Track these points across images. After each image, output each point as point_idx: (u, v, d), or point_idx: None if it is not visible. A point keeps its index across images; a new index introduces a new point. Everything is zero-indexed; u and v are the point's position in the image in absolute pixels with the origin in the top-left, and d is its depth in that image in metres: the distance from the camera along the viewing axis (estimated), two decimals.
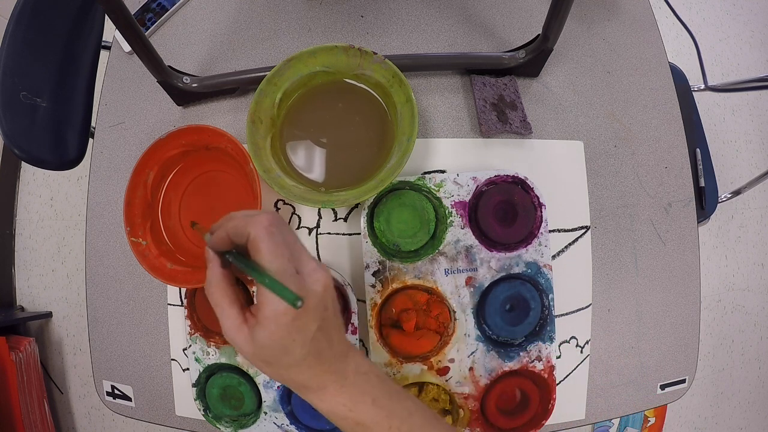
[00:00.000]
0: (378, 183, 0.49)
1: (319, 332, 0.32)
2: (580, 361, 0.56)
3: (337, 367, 0.34)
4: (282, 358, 0.32)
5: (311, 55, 0.52)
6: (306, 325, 0.31)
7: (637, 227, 0.58)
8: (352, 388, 0.35)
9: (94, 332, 0.58)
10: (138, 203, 0.52)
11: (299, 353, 0.31)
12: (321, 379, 0.34)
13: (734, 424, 1.36)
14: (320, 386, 0.34)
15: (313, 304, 0.31)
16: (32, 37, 0.65)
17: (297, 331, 0.31)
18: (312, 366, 0.33)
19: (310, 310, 0.31)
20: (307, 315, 0.31)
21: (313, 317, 0.31)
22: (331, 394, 0.34)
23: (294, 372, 0.33)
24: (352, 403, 0.34)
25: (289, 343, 0.31)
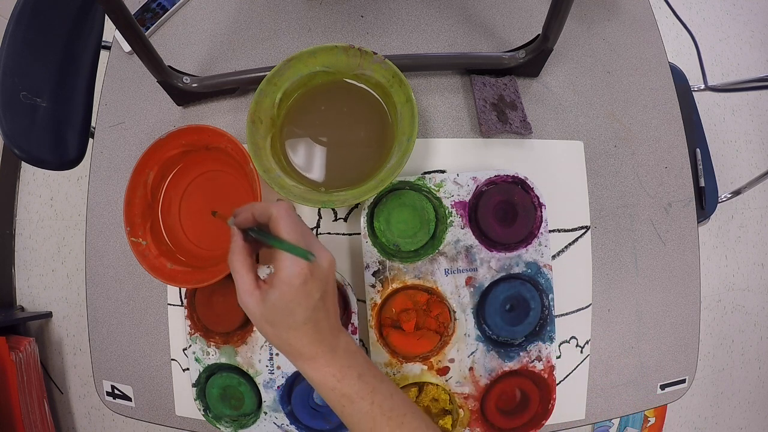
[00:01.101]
0: (378, 183, 0.49)
1: (321, 302, 0.37)
2: (580, 361, 0.56)
3: (330, 341, 0.38)
4: (286, 318, 0.36)
5: (311, 55, 0.52)
6: (311, 292, 0.36)
7: (637, 227, 0.58)
8: (341, 362, 0.38)
9: (94, 332, 0.58)
10: (138, 203, 0.52)
11: (301, 316, 0.36)
12: (315, 348, 0.38)
13: (734, 424, 1.36)
14: (313, 355, 0.38)
15: (319, 275, 0.36)
16: (32, 37, 0.65)
17: (304, 295, 0.36)
18: (309, 333, 0.37)
19: (316, 279, 0.36)
20: (314, 283, 0.36)
21: (318, 287, 0.36)
22: (321, 364, 0.38)
23: (293, 336, 0.37)
24: (341, 375, 0.38)
25: (296, 305, 0.36)
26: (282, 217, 0.37)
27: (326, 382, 0.38)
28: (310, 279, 0.36)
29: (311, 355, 0.38)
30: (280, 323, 0.36)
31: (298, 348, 0.38)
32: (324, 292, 0.37)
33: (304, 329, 0.37)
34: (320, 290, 0.36)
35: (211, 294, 0.53)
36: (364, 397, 0.38)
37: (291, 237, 0.36)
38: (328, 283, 0.38)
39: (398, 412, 0.39)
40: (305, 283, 0.35)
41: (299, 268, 0.35)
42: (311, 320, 0.37)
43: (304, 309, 0.36)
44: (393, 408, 0.39)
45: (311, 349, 0.38)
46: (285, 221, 0.36)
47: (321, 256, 0.37)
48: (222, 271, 0.48)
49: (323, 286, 0.37)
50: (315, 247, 0.37)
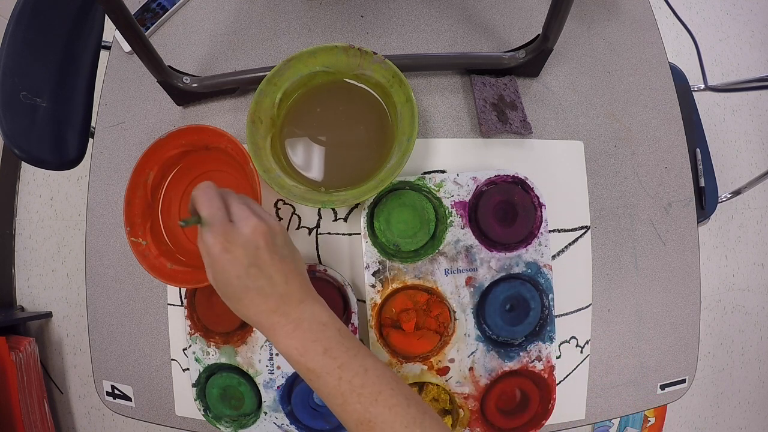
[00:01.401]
0: (378, 183, 0.49)
1: (254, 269, 0.37)
2: (580, 361, 0.56)
3: (286, 310, 0.38)
4: (227, 289, 0.37)
5: (311, 55, 0.52)
6: (237, 258, 0.37)
7: (637, 227, 0.58)
8: (306, 334, 0.38)
9: (94, 332, 0.58)
10: (138, 203, 0.52)
11: (238, 284, 0.37)
12: (269, 318, 0.38)
13: (734, 424, 1.36)
14: (271, 326, 0.38)
15: (239, 241, 0.37)
16: (32, 37, 0.65)
17: (229, 263, 0.37)
18: (256, 302, 0.37)
19: (237, 246, 0.37)
20: (236, 249, 0.37)
21: (243, 253, 0.37)
22: (283, 335, 0.38)
23: (243, 306, 0.38)
24: (303, 349, 0.37)
25: (227, 274, 0.37)
26: (197, 195, 0.38)
27: (290, 355, 0.38)
28: (231, 246, 0.36)
29: (270, 326, 0.38)
30: (228, 296, 0.38)
31: (252, 318, 0.38)
32: (255, 257, 0.37)
33: (249, 297, 0.37)
34: (248, 257, 0.37)
35: (211, 294, 0.53)
36: (329, 372, 0.37)
37: (206, 210, 0.37)
38: (259, 249, 0.37)
39: (372, 389, 0.37)
40: (225, 250, 0.36)
41: (212, 237, 0.36)
42: (251, 288, 0.37)
43: (236, 277, 0.37)
44: (365, 385, 0.37)
45: (266, 319, 0.38)
46: (199, 198, 0.38)
47: (243, 224, 0.37)
48: None
49: (251, 251, 0.37)
50: (239, 217, 0.38)
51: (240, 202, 0.40)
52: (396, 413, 0.36)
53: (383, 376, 0.38)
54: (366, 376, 0.37)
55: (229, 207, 0.39)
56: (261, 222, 0.38)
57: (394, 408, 0.37)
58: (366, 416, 0.36)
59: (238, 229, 0.37)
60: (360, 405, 0.36)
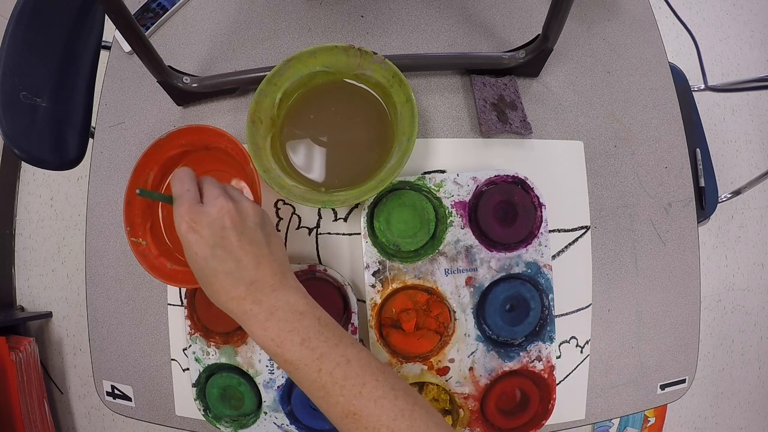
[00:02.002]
0: (378, 183, 0.49)
1: (220, 250, 0.36)
2: (580, 361, 0.56)
3: (258, 297, 0.36)
4: (198, 272, 0.37)
5: (311, 55, 0.52)
6: (202, 239, 0.36)
7: (637, 227, 0.58)
8: (280, 324, 0.36)
9: (94, 332, 0.58)
10: (138, 203, 0.52)
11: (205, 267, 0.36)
12: (240, 305, 0.36)
13: (734, 424, 1.36)
14: (243, 314, 0.36)
15: (205, 221, 0.36)
16: (32, 37, 0.65)
17: (196, 242, 0.36)
18: (225, 287, 0.36)
19: (204, 226, 0.36)
20: (203, 228, 0.36)
21: (209, 233, 0.36)
22: (256, 325, 0.36)
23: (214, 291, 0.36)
24: (279, 339, 0.35)
25: (193, 253, 0.36)
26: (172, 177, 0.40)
27: (266, 346, 0.36)
28: (197, 225, 0.36)
29: (240, 313, 0.36)
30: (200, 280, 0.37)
31: (225, 304, 0.36)
32: (221, 238, 0.36)
33: (218, 281, 0.36)
34: (213, 237, 0.36)
35: None
36: (308, 364, 0.35)
37: (176, 189, 0.38)
38: (225, 229, 0.36)
39: (355, 381, 0.35)
40: (191, 230, 0.36)
41: (179, 216, 0.36)
42: (219, 271, 0.36)
43: (203, 258, 0.36)
44: (347, 376, 0.35)
45: (236, 305, 0.36)
46: (173, 179, 0.39)
47: (211, 204, 0.37)
48: None
49: (217, 232, 0.36)
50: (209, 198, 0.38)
51: (213, 184, 0.39)
52: (382, 406, 0.35)
53: (367, 367, 0.36)
54: (348, 367, 0.36)
55: (202, 189, 0.39)
56: (229, 201, 0.37)
57: (379, 400, 0.35)
58: (350, 409, 0.35)
59: (205, 208, 0.37)
60: (343, 398, 0.35)
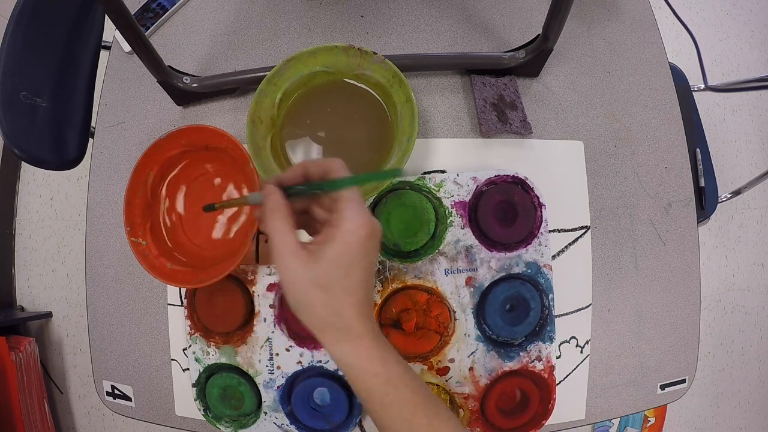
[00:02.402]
0: (378, 183, 0.49)
1: (372, 267, 0.33)
2: (580, 361, 0.56)
3: (372, 317, 0.35)
4: (344, 280, 0.32)
5: (311, 55, 0.52)
6: (371, 250, 0.32)
7: (637, 227, 0.58)
8: (383, 344, 0.34)
9: (94, 332, 0.58)
10: (138, 203, 0.52)
11: (359, 277, 0.32)
12: (362, 323, 0.33)
13: (734, 424, 1.36)
14: (360, 333, 0.33)
15: (378, 233, 0.33)
16: (32, 37, 0.65)
17: (365, 253, 0.32)
18: (360, 303, 0.33)
19: (376, 237, 0.33)
20: (374, 240, 0.32)
21: (376, 245, 0.33)
22: (367, 345, 0.33)
23: (347, 303, 0.32)
24: (383, 359, 0.34)
25: (356, 263, 0.32)
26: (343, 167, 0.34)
27: (370, 368, 0.33)
28: (373, 234, 0.32)
29: (360, 332, 0.33)
30: (335, 286, 0.31)
31: (348, 320, 0.32)
32: (375, 256, 0.33)
33: (358, 296, 0.32)
34: (376, 251, 0.33)
35: (211, 294, 0.53)
36: (406, 383, 0.34)
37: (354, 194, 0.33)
38: (378, 248, 0.33)
39: (433, 401, 0.35)
40: (369, 237, 0.32)
41: (364, 219, 0.31)
42: (364, 286, 0.33)
43: (363, 270, 0.32)
44: (428, 397, 0.35)
45: (360, 323, 0.33)
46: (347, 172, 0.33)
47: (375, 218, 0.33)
48: (222, 271, 0.48)
49: (378, 246, 0.33)
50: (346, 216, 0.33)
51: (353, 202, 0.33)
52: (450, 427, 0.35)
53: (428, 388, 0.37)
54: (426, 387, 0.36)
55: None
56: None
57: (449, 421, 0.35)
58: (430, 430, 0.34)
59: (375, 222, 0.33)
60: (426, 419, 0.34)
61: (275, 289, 0.52)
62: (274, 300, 0.52)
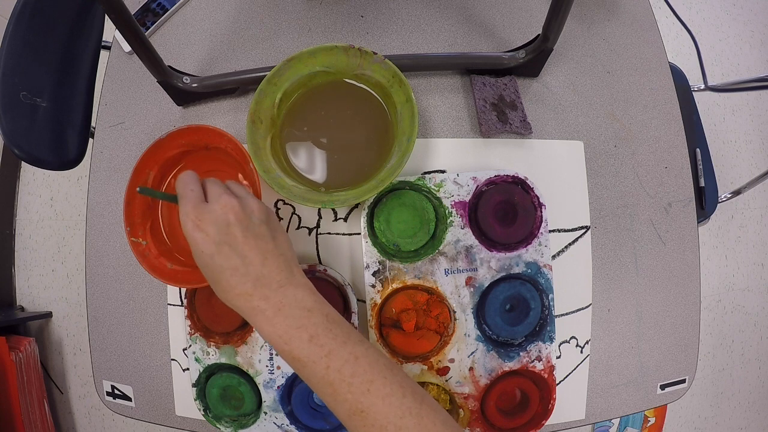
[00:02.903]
0: (378, 183, 0.49)
1: (225, 246, 0.36)
2: (580, 361, 0.56)
3: (266, 293, 0.37)
4: (205, 270, 0.37)
5: (311, 55, 0.52)
6: (207, 236, 0.36)
7: (637, 227, 0.58)
8: (288, 320, 0.36)
9: (94, 332, 0.58)
10: (138, 203, 0.52)
11: (212, 264, 0.36)
12: (248, 302, 0.36)
13: (734, 424, 1.36)
14: (251, 310, 0.37)
15: (210, 219, 0.37)
16: (32, 37, 0.65)
17: (202, 239, 0.36)
18: (232, 283, 0.36)
19: (208, 223, 0.36)
20: (207, 226, 0.36)
21: (215, 230, 0.36)
22: (264, 321, 0.36)
23: (221, 289, 0.37)
24: (288, 336, 0.36)
25: (200, 256, 0.37)
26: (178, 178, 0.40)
27: (274, 343, 0.36)
28: (202, 223, 0.36)
29: (248, 310, 0.37)
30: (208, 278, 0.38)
31: (232, 301, 0.37)
32: (227, 235, 0.36)
33: (225, 278, 0.36)
34: (219, 234, 0.36)
35: (211, 294, 0.52)
36: (316, 361, 0.35)
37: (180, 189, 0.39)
38: (230, 226, 0.37)
39: (363, 378, 0.35)
40: (197, 228, 0.36)
41: (184, 214, 0.37)
42: (226, 268, 0.36)
43: (209, 256, 0.36)
44: (355, 374, 0.35)
45: (244, 302, 0.36)
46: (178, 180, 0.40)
47: (215, 202, 0.37)
48: None
49: (223, 229, 0.36)
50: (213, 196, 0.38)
51: (216, 183, 0.40)
52: (389, 404, 0.35)
53: (375, 364, 0.36)
54: (356, 364, 0.36)
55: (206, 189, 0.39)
56: (232, 198, 0.38)
57: (387, 398, 0.35)
58: (358, 407, 0.35)
59: (209, 205, 0.37)
60: (351, 395, 0.35)
61: None
62: None
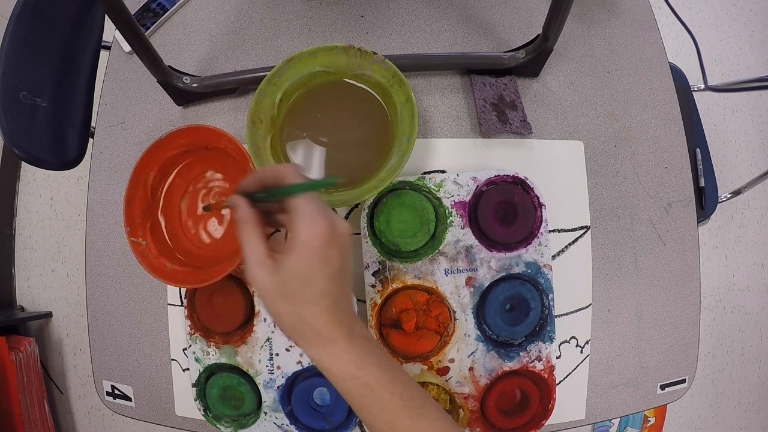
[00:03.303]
0: (378, 183, 0.49)
1: (339, 274, 0.34)
2: (580, 361, 0.56)
3: (348, 322, 0.35)
4: (305, 290, 0.32)
5: (311, 55, 0.52)
6: (331, 258, 0.33)
7: (637, 227, 0.58)
8: (360, 348, 0.35)
9: (94, 332, 0.58)
10: (138, 203, 0.52)
11: (321, 287, 0.33)
12: (333, 329, 0.34)
13: (734, 424, 1.36)
14: (331, 338, 0.34)
15: (338, 241, 0.33)
16: (32, 37, 0.65)
17: (324, 261, 0.32)
18: (329, 310, 0.33)
19: (335, 245, 0.33)
20: (333, 248, 0.33)
21: (338, 253, 0.33)
22: (341, 349, 0.34)
23: (312, 312, 0.33)
24: (361, 362, 0.34)
25: (315, 272, 0.32)
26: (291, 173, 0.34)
27: (345, 371, 0.35)
28: (330, 243, 0.32)
29: (330, 338, 0.34)
30: (297, 296, 0.32)
31: (317, 327, 0.33)
32: (343, 261, 0.34)
33: (324, 304, 0.33)
34: (340, 258, 0.33)
35: (211, 294, 0.53)
36: (384, 386, 0.35)
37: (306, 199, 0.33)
38: (346, 254, 0.34)
39: (417, 402, 0.36)
40: (325, 246, 0.32)
41: (319, 228, 0.32)
42: (331, 294, 0.33)
43: (324, 279, 0.33)
44: (412, 398, 0.36)
45: (331, 330, 0.34)
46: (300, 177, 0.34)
47: (340, 223, 0.34)
48: (222, 271, 0.48)
49: (343, 254, 0.34)
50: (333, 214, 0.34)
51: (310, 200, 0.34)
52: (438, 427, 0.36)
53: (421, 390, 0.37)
54: (411, 389, 0.36)
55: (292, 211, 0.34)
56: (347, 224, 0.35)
57: (435, 421, 0.36)
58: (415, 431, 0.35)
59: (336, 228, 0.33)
60: (409, 420, 0.35)
61: None
62: None
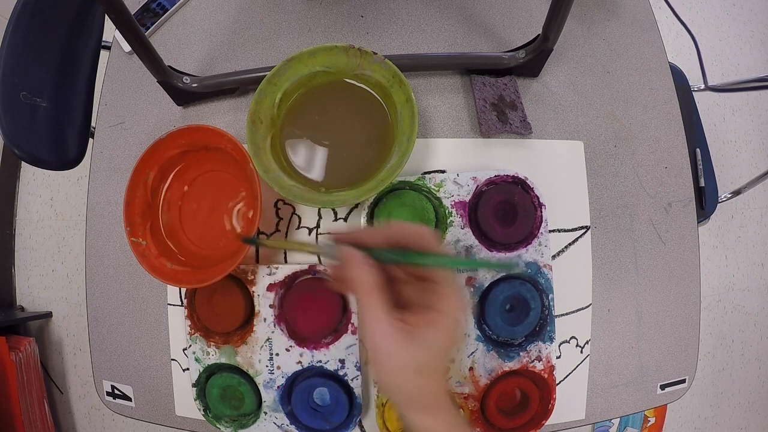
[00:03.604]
0: (378, 183, 0.49)
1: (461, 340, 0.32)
2: (580, 361, 0.56)
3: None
4: (439, 362, 0.31)
5: (311, 55, 0.52)
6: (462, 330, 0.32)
7: (637, 227, 0.58)
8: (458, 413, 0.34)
9: (94, 332, 0.58)
10: (138, 203, 0.52)
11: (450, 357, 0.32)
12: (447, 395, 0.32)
13: (734, 424, 1.36)
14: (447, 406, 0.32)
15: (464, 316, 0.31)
16: (32, 37, 0.65)
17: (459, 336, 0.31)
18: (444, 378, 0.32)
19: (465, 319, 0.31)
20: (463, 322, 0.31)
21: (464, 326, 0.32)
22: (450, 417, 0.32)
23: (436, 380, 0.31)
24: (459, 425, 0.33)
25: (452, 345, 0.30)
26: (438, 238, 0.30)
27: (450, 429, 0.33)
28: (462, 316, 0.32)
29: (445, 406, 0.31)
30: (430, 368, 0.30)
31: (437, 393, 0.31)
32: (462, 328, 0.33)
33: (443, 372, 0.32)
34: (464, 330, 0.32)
35: (211, 294, 0.53)
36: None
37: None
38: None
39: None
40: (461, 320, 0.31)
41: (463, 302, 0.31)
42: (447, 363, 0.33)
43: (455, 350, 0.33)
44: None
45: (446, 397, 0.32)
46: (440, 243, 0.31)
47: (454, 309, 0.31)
48: (222, 271, 0.48)
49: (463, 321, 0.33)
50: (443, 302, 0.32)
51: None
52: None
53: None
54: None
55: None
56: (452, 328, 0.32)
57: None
58: None
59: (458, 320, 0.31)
60: None
61: (275, 289, 0.52)
62: (274, 300, 0.52)
